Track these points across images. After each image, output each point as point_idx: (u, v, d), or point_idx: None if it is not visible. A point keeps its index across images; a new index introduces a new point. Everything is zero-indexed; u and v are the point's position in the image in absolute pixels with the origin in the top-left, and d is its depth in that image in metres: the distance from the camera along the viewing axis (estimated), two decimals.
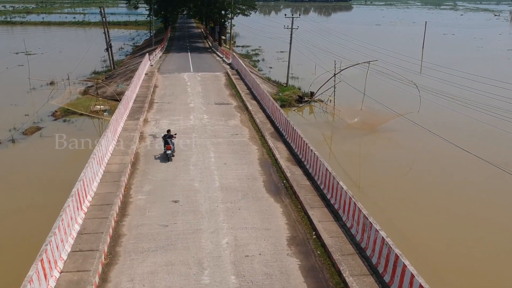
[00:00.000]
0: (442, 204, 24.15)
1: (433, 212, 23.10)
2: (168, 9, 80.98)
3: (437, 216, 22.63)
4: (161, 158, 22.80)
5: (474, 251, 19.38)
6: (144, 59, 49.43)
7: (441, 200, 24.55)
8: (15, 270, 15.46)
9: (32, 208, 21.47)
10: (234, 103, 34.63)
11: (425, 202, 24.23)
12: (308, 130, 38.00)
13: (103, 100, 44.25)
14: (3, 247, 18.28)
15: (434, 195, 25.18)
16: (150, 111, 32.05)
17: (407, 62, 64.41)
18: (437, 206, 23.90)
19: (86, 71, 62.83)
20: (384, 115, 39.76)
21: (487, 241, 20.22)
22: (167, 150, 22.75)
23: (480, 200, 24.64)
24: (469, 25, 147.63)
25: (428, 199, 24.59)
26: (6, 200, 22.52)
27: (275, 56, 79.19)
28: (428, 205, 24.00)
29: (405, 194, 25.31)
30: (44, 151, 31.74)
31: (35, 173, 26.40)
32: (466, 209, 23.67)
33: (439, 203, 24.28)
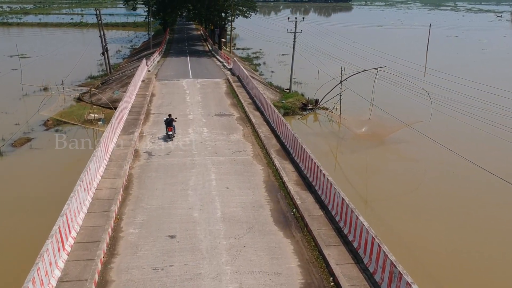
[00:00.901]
0: (455, 221, 22.69)
1: (445, 229, 21.62)
2: (167, 11, 78.76)
3: (450, 233, 21.27)
4: (156, 177, 20.72)
5: (499, 274, 17.61)
6: (141, 64, 47.29)
7: (454, 217, 23.12)
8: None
9: (12, 238, 19.35)
10: (236, 114, 32.50)
11: (437, 219, 22.69)
12: (312, 140, 36.10)
13: (97, 108, 42.17)
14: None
15: (446, 211, 23.71)
16: (146, 123, 29.90)
17: (411, 65, 62.52)
18: (450, 224, 22.33)
19: (82, 75, 60.67)
20: (393, 125, 37.72)
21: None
22: (169, 132, 26.97)
23: (498, 219, 23.09)
24: (472, 26, 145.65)
25: (440, 216, 23.08)
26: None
27: (276, 59, 77.15)
28: (439, 222, 22.35)
29: (414, 210, 23.94)
30: (33, 166, 29.69)
31: (19, 192, 24.30)
32: (482, 227, 22.26)
33: (451, 220, 22.78)
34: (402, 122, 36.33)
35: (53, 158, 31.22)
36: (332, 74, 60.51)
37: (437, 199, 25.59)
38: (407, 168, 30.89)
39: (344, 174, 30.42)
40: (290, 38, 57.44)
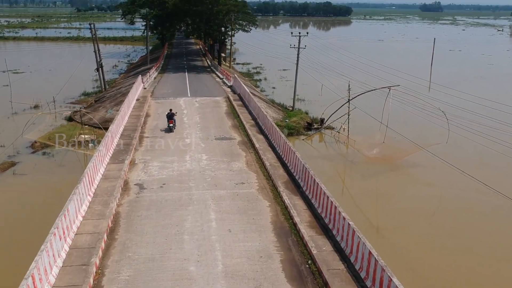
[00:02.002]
0: (476, 251, 21.23)
1: (462, 260, 20.34)
2: (165, 25, 76.42)
3: (467, 264, 20.07)
4: (146, 216, 17.88)
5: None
6: (137, 81, 44.66)
7: (475, 247, 21.63)
8: None
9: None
10: (238, 138, 29.71)
11: (453, 249, 21.28)
12: (319, 163, 33.63)
13: (89, 129, 39.51)
14: None
15: (465, 241, 22.26)
16: (139, 149, 27.08)
17: (415, 80, 60.30)
18: (467, 254, 20.92)
19: (75, 92, 58.07)
20: (407, 147, 35.09)
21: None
22: (170, 124, 30.69)
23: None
24: (474, 40, 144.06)
25: (459, 246, 21.65)
26: None
27: (277, 75, 74.79)
28: (456, 252, 20.96)
29: (429, 239, 22.32)
30: (13, 196, 26.87)
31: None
32: (504, 258, 20.63)
33: (472, 250, 21.36)
34: (416, 145, 33.74)
35: (37, 185, 28.55)
36: (336, 90, 58.22)
37: (454, 227, 23.92)
38: (422, 193, 28.65)
39: (353, 200, 28.01)
40: (291, 53, 55.25)
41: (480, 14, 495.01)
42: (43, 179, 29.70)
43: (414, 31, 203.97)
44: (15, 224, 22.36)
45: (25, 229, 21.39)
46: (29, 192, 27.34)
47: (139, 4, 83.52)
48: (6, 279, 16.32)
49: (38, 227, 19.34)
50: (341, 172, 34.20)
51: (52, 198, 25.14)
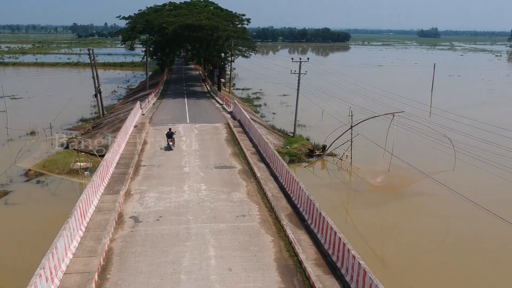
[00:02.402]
0: (483, 285, 20.56)
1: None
2: (165, 51, 76.34)
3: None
4: (141, 253, 16.69)
5: None
6: (135, 107, 43.89)
7: (482, 281, 20.89)
8: None
9: None
10: (238, 166, 28.65)
11: (462, 283, 20.68)
12: (321, 191, 32.61)
13: (85, 156, 38.48)
14: None
15: (472, 274, 21.51)
16: (135, 178, 25.99)
17: (416, 105, 59.69)
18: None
19: (73, 118, 57.32)
20: (412, 175, 34.08)
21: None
22: (170, 143, 32.51)
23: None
24: (473, 66, 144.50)
25: (465, 279, 20.99)
26: None
27: (277, 100, 74.29)
28: (465, 286, 20.41)
29: (437, 272, 21.31)
30: (4, 227, 25.68)
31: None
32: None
33: (478, 284, 20.65)
34: (422, 173, 32.71)
35: (29, 216, 27.42)
36: (337, 116, 57.55)
37: (463, 259, 22.97)
38: (428, 224, 27.56)
39: (358, 230, 26.88)
40: (291, 78, 54.69)
41: (477, 39, 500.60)
42: (35, 209, 28.62)
43: (413, 56, 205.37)
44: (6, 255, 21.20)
45: (11, 268, 20.16)
46: (20, 223, 26.26)
47: (139, 30, 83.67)
48: None
49: (25, 264, 18.19)
50: (344, 201, 33.10)
51: (43, 230, 24.07)
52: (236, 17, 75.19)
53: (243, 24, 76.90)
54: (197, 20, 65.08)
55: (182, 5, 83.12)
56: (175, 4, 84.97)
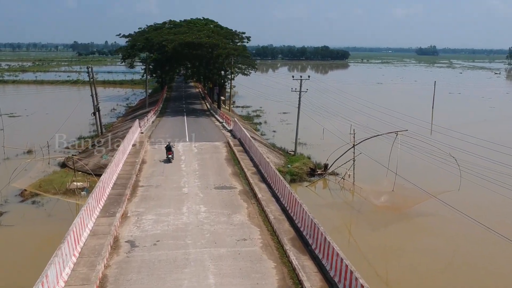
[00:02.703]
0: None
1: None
2: (164, 69, 76.05)
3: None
4: (137, 281, 15.79)
5: None
6: (133, 126, 43.25)
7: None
8: None
9: None
10: (239, 187, 27.84)
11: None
12: (324, 212, 31.88)
13: (82, 176, 37.73)
14: None
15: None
16: (132, 199, 25.16)
17: (417, 123, 59.22)
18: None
19: (71, 136, 56.54)
20: (417, 195, 33.29)
21: None
22: (169, 155, 33.74)
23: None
24: (473, 84, 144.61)
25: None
26: None
27: (278, 118, 73.78)
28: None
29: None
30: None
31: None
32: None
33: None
34: (427, 193, 31.92)
35: (24, 238, 26.60)
36: (338, 134, 56.94)
37: (470, 282, 22.38)
38: (434, 245, 26.81)
39: (361, 252, 26.10)
40: (291, 96, 54.17)
41: (475, 57, 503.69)
42: (30, 230, 27.85)
43: (412, 74, 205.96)
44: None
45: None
46: (14, 245, 25.46)
47: (138, 48, 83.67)
48: None
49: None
50: (347, 221, 32.29)
51: (37, 253, 23.29)
52: (236, 35, 75.17)
53: (243, 42, 76.85)
54: (197, 38, 64.94)
55: (182, 23, 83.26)
56: (175, 22, 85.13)
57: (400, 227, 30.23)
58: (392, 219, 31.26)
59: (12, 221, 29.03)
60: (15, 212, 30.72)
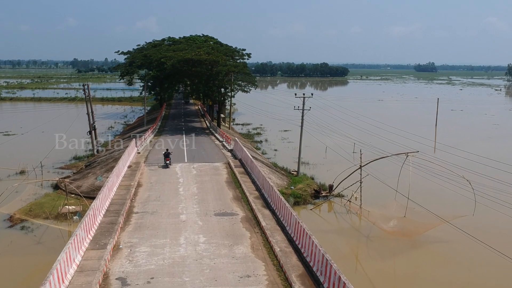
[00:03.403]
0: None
1: None
2: (163, 86, 74.53)
3: None
4: None
5: None
6: (130, 146, 41.47)
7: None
8: None
9: None
10: (240, 213, 25.89)
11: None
12: (330, 237, 30.28)
13: (75, 199, 35.89)
14: None
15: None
16: (126, 228, 23.21)
17: (420, 140, 57.76)
18: None
19: (66, 155, 54.88)
20: (428, 220, 31.46)
21: None
22: (167, 161, 37.23)
23: None
24: (474, 100, 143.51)
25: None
26: None
27: (279, 136, 72.17)
28: None
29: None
30: None
31: None
32: None
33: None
34: (439, 218, 30.07)
35: (9, 269, 24.70)
36: (341, 152, 55.27)
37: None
38: (448, 274, 25.11)
39: (370, 280, 24.51)
40: (292, 113, 52.56)
41: (474, 74, 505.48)
42: (17, 260, 26.02)
43: (412, 90, 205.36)
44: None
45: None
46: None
47: (137, 65, 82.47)
48: None
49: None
50: (354, 248, 30.38)
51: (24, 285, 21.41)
52: (236, 51, 73.94)
53: (244, 59, 75.60)
54: (196, 55, 63.62)
55: (181, 40, 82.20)
56: (174, 39, 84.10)
57: (411, 255, 28.40)
58: (403, 246, 29.41)
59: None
60: (3, 238, 29.01)
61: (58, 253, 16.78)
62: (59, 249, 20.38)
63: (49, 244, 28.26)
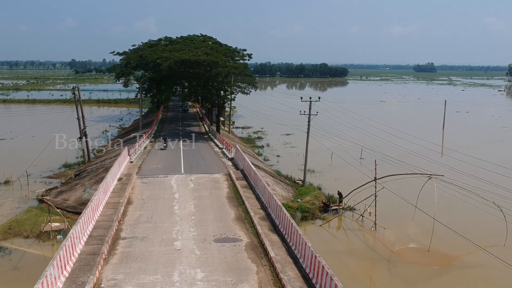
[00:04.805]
0: None
1: None
2: (160, 88, 70.95)
3: None
4: None
5: None
6: (121, 155, 37.99)
7: None
8: None
9: None
10: (245, 239, 22.37)
11: None
12: (344, 260, 27.67)
13: (61, 214, 32.50)
14: None
15: None
16: (110, 260, 19.70)
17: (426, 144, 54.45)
18: None
19: (56, 162, 51.40)
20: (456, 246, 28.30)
21: None
22: (164, 144, 46.27)
23: None
24: (479, 101, 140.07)
25: None
26: None
27: (281, 140, 68.78)
28: None
29: None
30: None
31: None
32: None
33: None
34: (475, 245, 26.74)
35: None
36: (347, 158, 51.93)
37: None
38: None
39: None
40: (294, 116, 49.22)
41: (473, 74, 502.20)
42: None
43: (414, 91, 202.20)
44: None
45: None
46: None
47: (132, 66, 79.04)
48: None
49: None
50: (375, 274, 26.87)
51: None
52: (236, 52, 70.45)
53: (244, 59, 72.13)
54: (194, 55, 60.09)
55: (178, 40, 78.76)
56: (171, 39, 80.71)
57: (437, 283, 25.04)
58: (431, 273, 26.05)
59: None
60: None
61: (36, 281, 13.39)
62: (38, 275, 17.02)
63: (27, 269, 25.14)
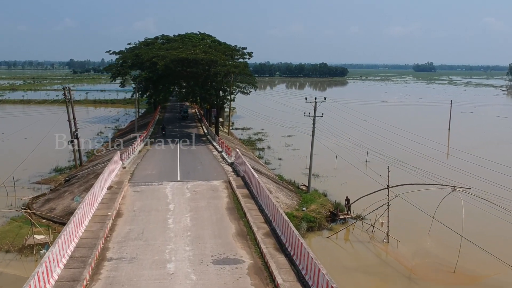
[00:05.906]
0: None
1: None
2: (157, 88, 68.10)
3: None
4: None
5: None
6: (113, 160, 35.28)
7: None
8: None
9: None
10: (247, 259, 19.67)
11: None
12: (356, 278, 24.86)
13: (46, 225, 30.02)
14: None
15: None
16: (92, 287, 17.11)
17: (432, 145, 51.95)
18: None
19: (46, 166, 48.78)
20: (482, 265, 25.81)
21: None
22: (163, 132, 54.98)
23: None
24: (482, 101, 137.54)
25: None
26: None
27: (282, 142, 66.18)
28: None
29: None
30: None
31: None
32: None
33: None
34: (503, 262, 24.22)
35: None
36: (352, 161, 49.43)
37: None
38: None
39: None
40: (298, 118, 46.74)
41: (472, 74, 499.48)
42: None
43: (415, 91, 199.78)
44: None
45: None
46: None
47: (129, 66, 76.41)
48: None
49: None
50: None
51: None
52: (236, 50, 67.77)
53: (244, 58, 69.46)
54: (192, 54, 57.37)
55: (175, 38, 76.09)
56: (168, 37, 78.08)
57: None
58: None
59: None
60: None
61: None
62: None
63: None
